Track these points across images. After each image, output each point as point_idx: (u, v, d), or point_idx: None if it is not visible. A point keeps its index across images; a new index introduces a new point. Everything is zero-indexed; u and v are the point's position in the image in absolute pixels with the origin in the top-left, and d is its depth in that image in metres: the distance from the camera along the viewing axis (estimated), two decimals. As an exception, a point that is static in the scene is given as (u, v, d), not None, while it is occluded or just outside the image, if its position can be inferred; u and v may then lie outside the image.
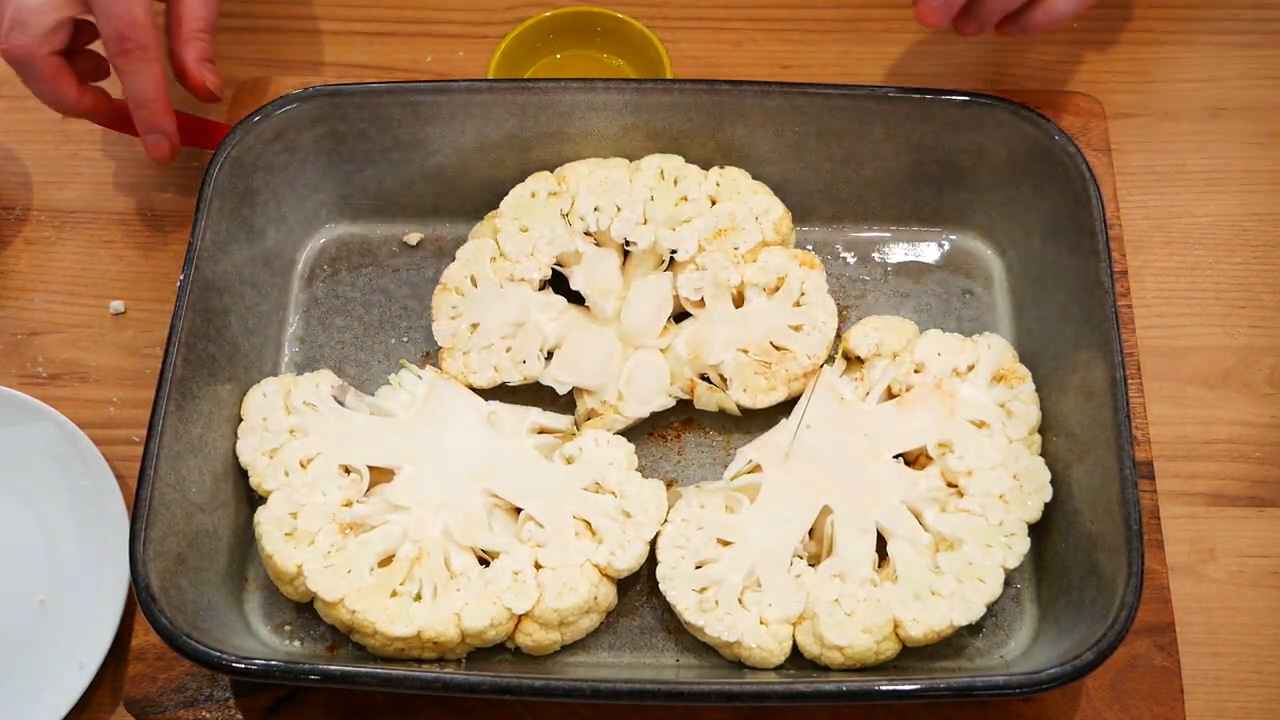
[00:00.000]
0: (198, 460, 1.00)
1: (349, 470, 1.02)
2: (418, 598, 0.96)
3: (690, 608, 0.97)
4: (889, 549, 0.99)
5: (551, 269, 1.09)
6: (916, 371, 1.05)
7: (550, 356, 1.08)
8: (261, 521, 0.99)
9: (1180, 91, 1.28)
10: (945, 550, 0.99)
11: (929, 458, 1.02)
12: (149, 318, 1.18)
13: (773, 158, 1.13)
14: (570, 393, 1.08)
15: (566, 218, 1.09)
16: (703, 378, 1.08)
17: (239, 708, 0.99)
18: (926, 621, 0.95)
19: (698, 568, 0.99)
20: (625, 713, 0.99)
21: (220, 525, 1.01)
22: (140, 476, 0.95)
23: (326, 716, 0.99)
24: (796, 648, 0.97)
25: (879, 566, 0.99)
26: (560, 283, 1.10)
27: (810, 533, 1.01)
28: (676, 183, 1.10)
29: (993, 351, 1.06)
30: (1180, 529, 1.08)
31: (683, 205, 1.09)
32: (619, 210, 1.08)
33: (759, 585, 0.98)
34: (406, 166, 1.14)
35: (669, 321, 1.09)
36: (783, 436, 1.04)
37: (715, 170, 1.11)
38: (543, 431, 1.06)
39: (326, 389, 1.05)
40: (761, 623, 0.96)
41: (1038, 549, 1.02)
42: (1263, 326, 1.17)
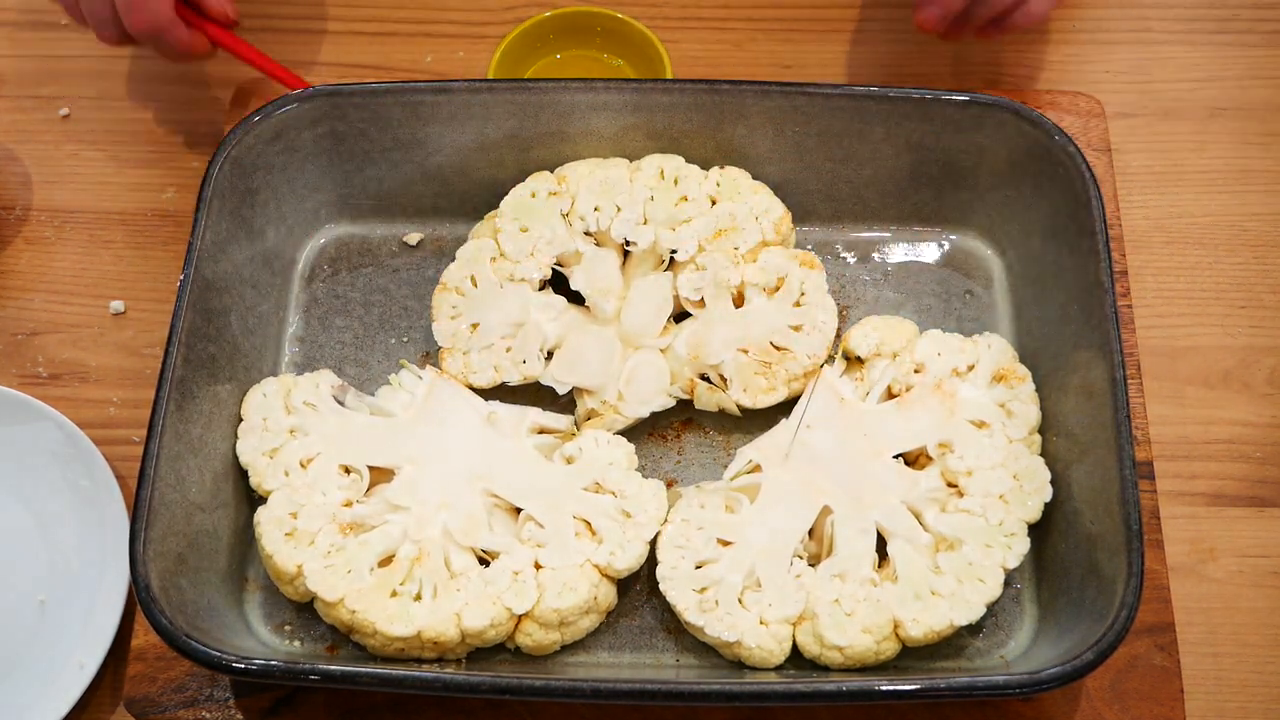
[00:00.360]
0: (198, 460, 1.00)
1: (349, 470, 1.02)
2: (418, 598, 0.96)
3: (690, 608, 0.97)
4: (889, 549, 0.99)
5: (551, 269, 1.09)
6: (916, 371, 1.05)
7: (550, 356, 1.08)
8: (261, 521, 0.99)
9: (1180, 91, 1.28)
10: (945, 550, 0.99)
11: (929, 458, 1.02)
12: (149, 318, 1.18)
13: (773, 158, 1.13)
14: (570, 393, 1.08)
15: (566, 218, 1.09)
16: (703, 378, 1.08)
17: (239, 708, 0.99)
18: (926, 621, 0.95)
19: (698, 568, 0.99)
20: (625, 713, 0.99)
21: (220, 525, 1.01)
22: (140, 476, 0.95)
23: (326, 716, 0.99)
24: (796, 648, 0.97)
25: (879, 566, 0.99)
26: (560, 283, 1.10)
27: (810, 533, 1.01)
28: (676, 183, 1.10)
29: (993, 351, 1.06)
30: (1180, 529, 1.08)
31: (683, 205, 1.09)
32: (619, 210, 1.08)
33: (759, 585, 0.98)
34: (406, 166, 1.14)
35: (669, 321, 1.09)
36: (783, 436, 1.04)
37: (715, 170, 1.11)
38: (543, 431, 1.06)
39: (326, 389, 1.05)
40: (761, 623, 0.96)
41: (1038, 549, 1.02)
42: (1263, 326, 1.17)
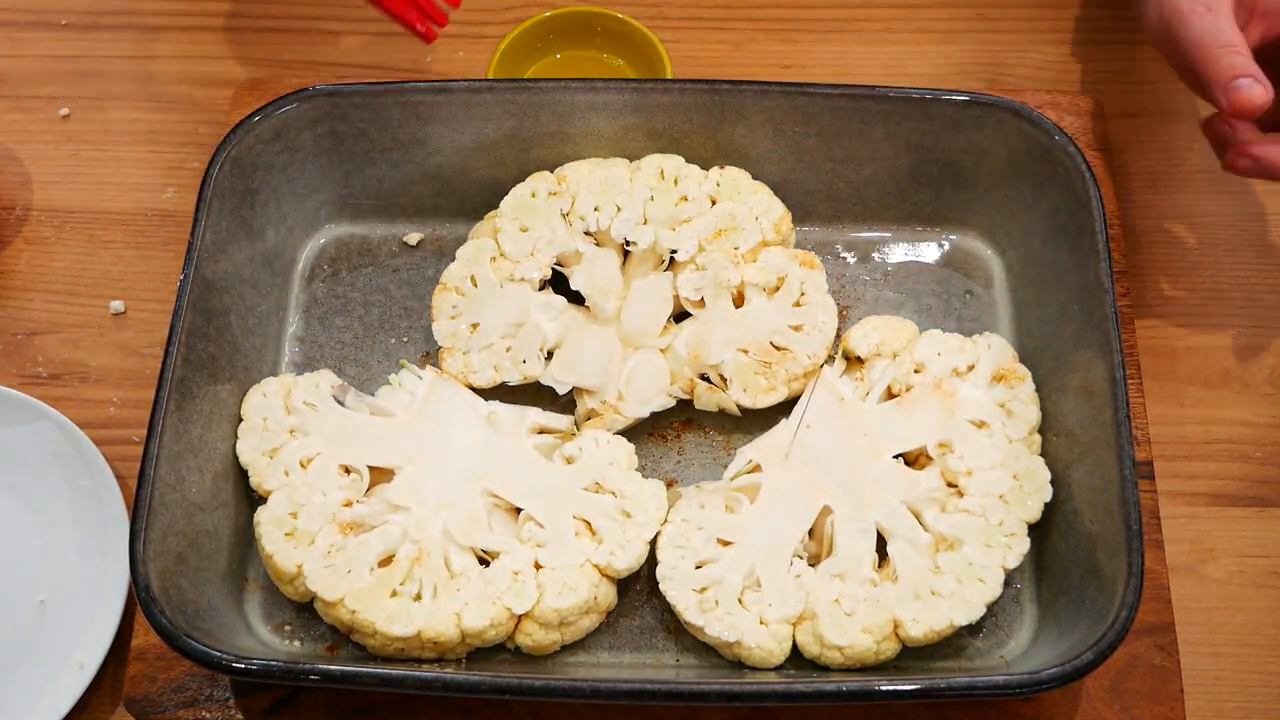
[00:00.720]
0: (198, 460, 1.00)
1: (349, 470, 1.02)
2: (417, 598, 0.96)
3: (690, 608, 0.97)
4: (889, 549, 0.99)
5: (551, 269, 1.09)
6: (916, 371, 1.05)
7: (550, 356, 1.08)
8: (261, 521, 0.99)
9: (1180, 91, 1.28)
10: (945, 550, 0.99)
11: (929, 458, 1.02)
12: (149, 318, 1.18)
13: (773, 158, 1.13)
14: (570, 393, 1.08)
15: (566, 218, 1.09)
16: (703, 378, 1.08)
17: (239, 708, 0.99)
18: (926, 621, 0.95)
19: (698, 568, 0.99)
20: (625, 713, 0.99)
21: (220, 525, 1.01)
22: (140, 476, 0.95)
23: (326, 716, 0.99)
24: (796, 648, 0.97)
25: (879, 566, 0.99)
26: (560, 283, 1.10)
27: (810, 533, 1.01)
28: (676, 183, 1.10)
29: (993, 351, 1.06)
30: (1180, 529, 1.08)
31: (683, 205, 1.09)
32: (619, 210, 1.08)
33: (759, 585, 0.98)
34: (406, 166, 1.14)
35: (669, 321, 1.09)
36: (783, 436, 1.04)
37: (715, 170, 1.11)
38: (543, 431, 1.06)
39: (326, 389, 1.05)
40: (761, 623, 0.96)
41: (1038, 549, 1.02)
42: (1263, 326, 1.17)
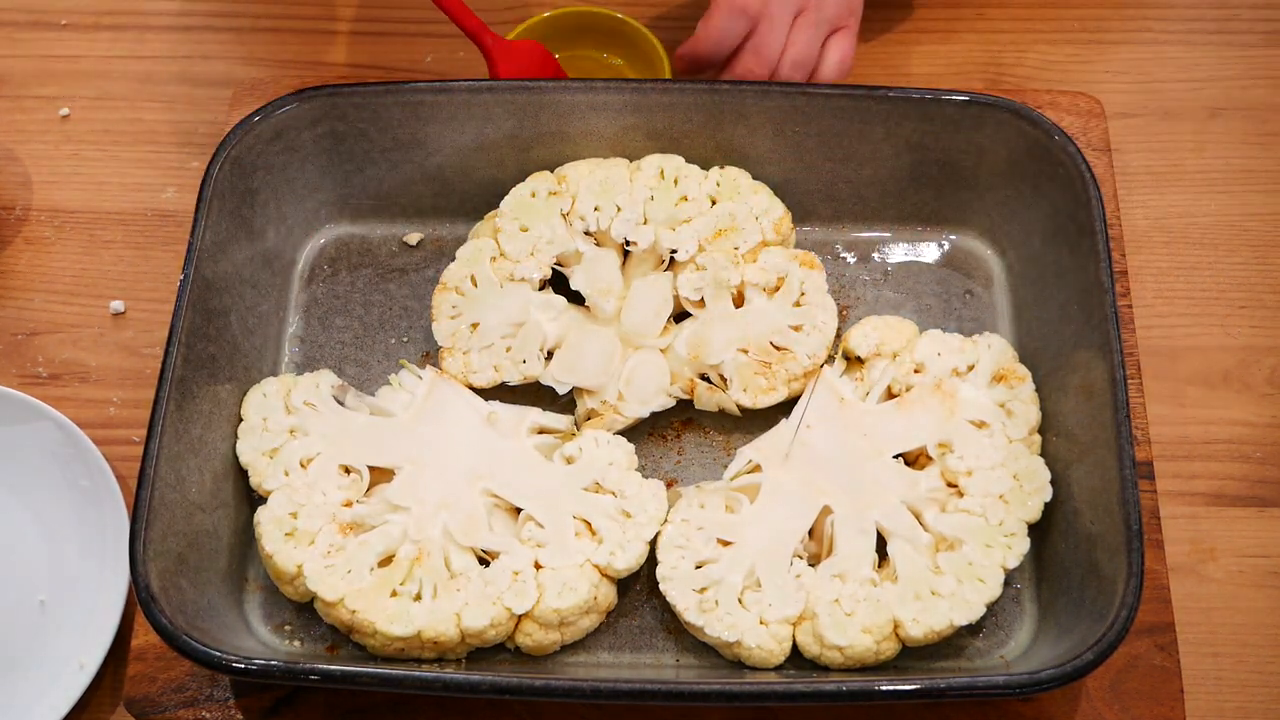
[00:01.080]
0: (198, 460, 1.00)
1: (349, 470, 1.02)
2: (417, 598, 0.96)
3: (690, 608, 0.97)
4: (889, 549, 0.99)
5: (551, 269, 1.09)
6: (916, 371, 1.05)
7: (550, 356, 1.08)
8: (261, 521, 0.99)
9: (1180, 91, 1.28)
10: (945, 550, 0.99)
11: (929, 458, 1.02)
12: (149, 318, 1.18)
13: (773, 158, 1.13)
14: (570, 393, 1.08)
15: (566, 218, 1.09)
16: (703, 378, 1.08)
17: (239, 708, 0.99)
18: (926, 621, 0.95)
19: (698, 568, 0.99)
20: (625, 713, 0.99)
21: (220, 525, 1.01)
22: (140, 476, 0.95)
23: (326, 716, 0.99)
24: (796, 648, 0.97)
25: (879, 566, 0.99)
26: (560, 283, 1.10)
27: (810, 533, 1.01)
28: (676, 183, 1.09)
29: (993, 351, 1.06)
30: (1180, 529, 1.08)
31: (683, 205, 1.09)
32: (619, 210, 1.08)
33: (759, 585, 0.98)
34: (406, 166, 1.14)
35: (669, 321, 1.09)
36: (783, 436, 1.04)
37: (715, 170, 1.11)
38: (543, 431, 1.06)
39: (326, 389, 1.05)
40: (761, 623, 0.96)
41: (1038, 549, 1.02)
42: (1263, 326, 1.17)
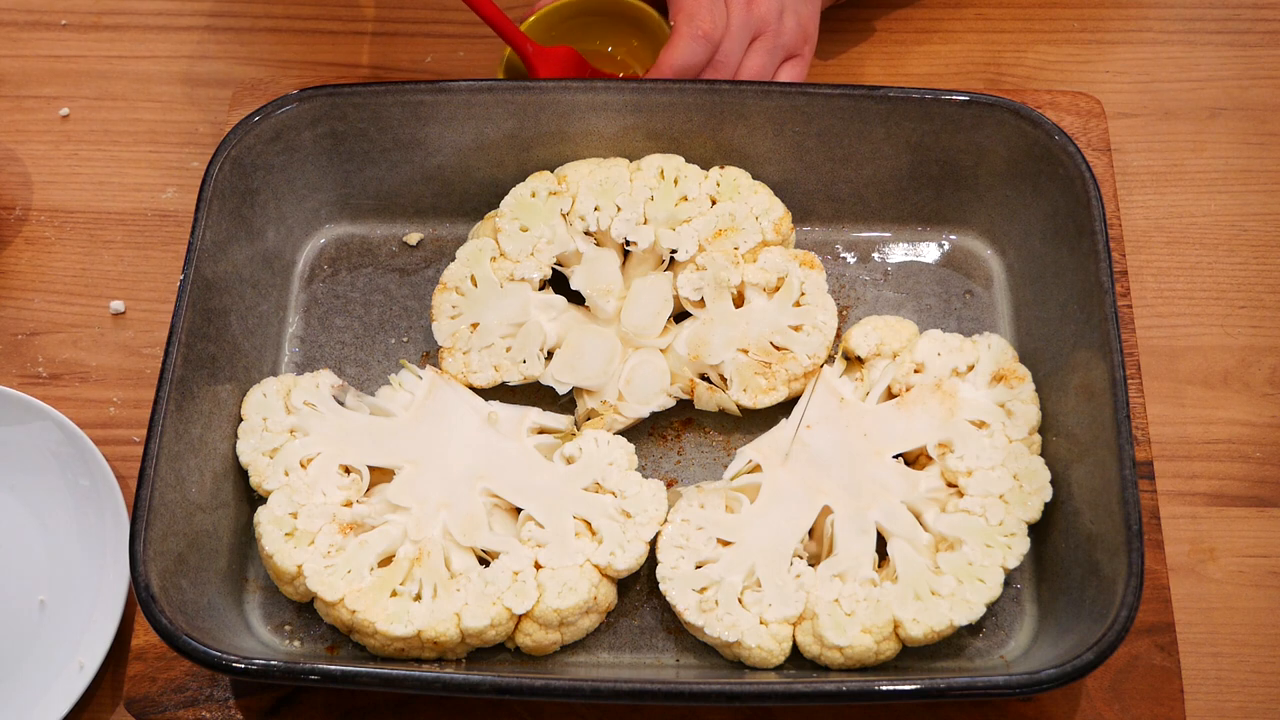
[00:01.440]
0: (198, 460, 1.00)
1: (349, 470, 1.02)
2: (418, 598, 0.96)
3: (690, 608, 0.97)
4: (889, 549, 0.99)
5: (551, 269, 1.09)
6: (916, 371, 1.05)
7: (550, 356, 1.08)
8: (261, 521, 0.99)
9: (1180, 91, 1.28)
10: (945, 550, 0.99)
11: (929, 458, 1.02)
12: (149, 318, 1.18)
13: (773, 158, 1.13)
14: (570, 393, 1.08)
15: (566, 217, 1.09)
16: (703, 378, 1.08)
17: (239, 708, 0.99)
18: (926, 621, 0.95)
19: (698, 568, 0.99)
20: (625, 713, 0.99)
21: (220, 525, 1.01)
22: (140, 476, 0.95)
23: (326, 716, 0.99)
24: (796, 648, 0.97)
25: (879, 566, 0.99)
26: (560, 282, 1.10)
27: (810, 533, 1.01)
28: (676, 183, 1.10)
29: (993, 351, 1.06)
30: (1180, 529, 1.08)
31: (683, 205, 1.09)
32: (619, 210, 1.08)
33: (759, 585, 0.98)
34: (406, 166, 1.14)
35: (669, 321, 1.09)
36: (783, 436, 1.04)
37: (715, 170, 1.11)
38: (543, 431, 1.06)
39: (326, 389, 1.05)
40: (761, 623, 0.96)
41: (1038, 549, 1.02)
42: (1263, 326, 1.17)
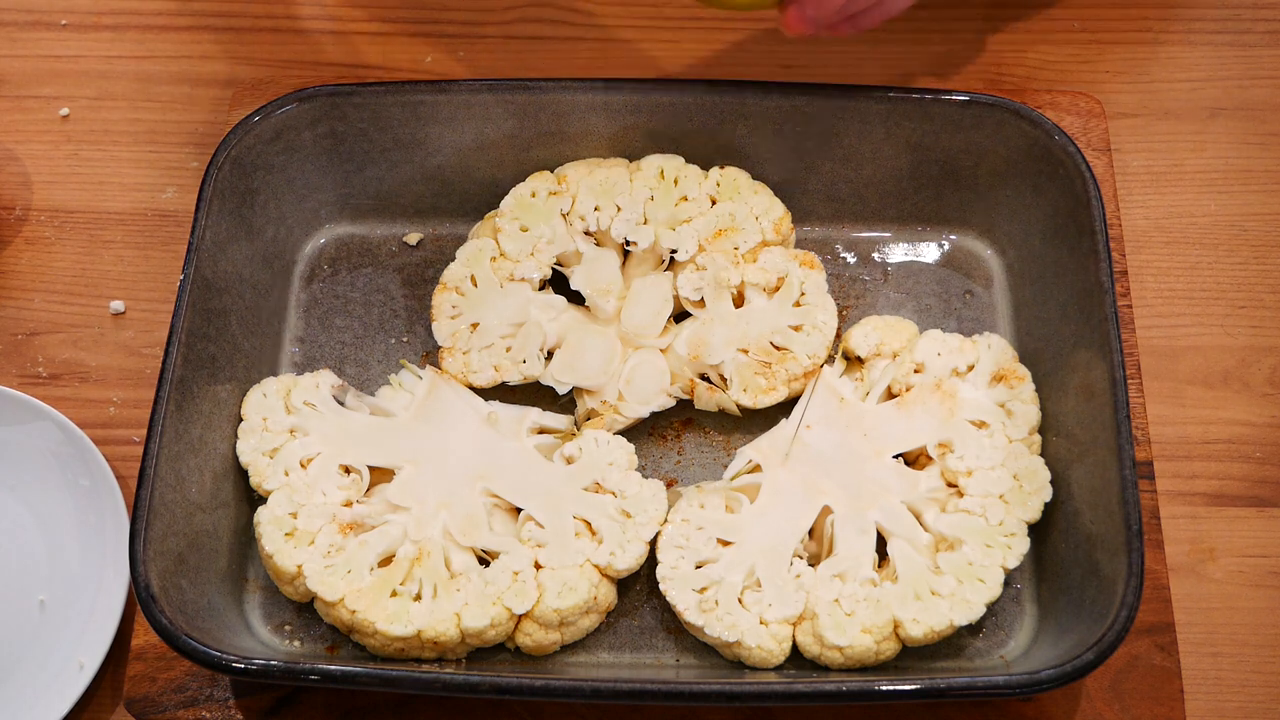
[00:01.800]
0: (198, 460, 1.00)
1: (349, 470, 1.02)
2: (417, 598, 0.96)
3: (690, 608, 0.97)
4: (889, 549, 0.99)
5: (551, 269, 1.09)
6: (916, 371, 1.05)
7: (550, 356, 1.08)
8: (261, 521, 0.99)
9: (1180, 91, 1.28)
10: (945, 550, 0.99)
11: (929, 458, 1.02)
12: (149, 318, 1.18)
13: (773, 158, 1.13)
14: (570, 393, 1.08)
15: (566, 217, 1.09)
16: (703, 378, 1.08)
17: (239, 708, 0.99)
18: (926, 621, 0.95)
19: (698, 568, 0.99)
20: (625, 713, 0.99)
21: (220, 525, 1.01)
22: (140, 476, 0.95)
23: (326, 716, 0.99)
24: (796, 648, 0.97)
25: (879, 566, 0.99)
26: (560, 282, 1.10)
27: (810, 533, 1.01)
28: (676, 183, 1.10)
29: (993, 351, 1.06)
30: (1180, 529, 1.08)
31: (683, 205, 1.09)
32: (619, 210, 1.08)
33: (759, 585, 0.98)
34: (406, 166, 1.14)
35: (669, 321, 1.09)
36: (783, 436, 1.04)
37: (715, 170, 1.11)
38: (543, 431, 1.06)
39: (326, 389, 1.05)
40: (761, 623, 0.96)
41: (1038, 549, 1.02)
42: (1263, 326, 1.17)
